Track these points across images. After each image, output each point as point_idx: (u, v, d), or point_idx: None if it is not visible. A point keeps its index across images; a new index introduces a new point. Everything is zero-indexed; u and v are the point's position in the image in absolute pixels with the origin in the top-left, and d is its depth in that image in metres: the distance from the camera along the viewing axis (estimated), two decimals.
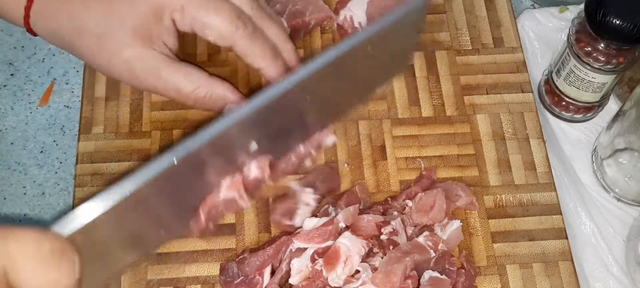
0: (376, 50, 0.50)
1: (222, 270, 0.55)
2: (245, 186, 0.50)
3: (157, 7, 0.52)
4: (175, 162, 0.41)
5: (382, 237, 0.54)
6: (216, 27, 0.52)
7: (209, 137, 0.42)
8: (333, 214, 0.56)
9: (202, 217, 0.49)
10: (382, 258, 0.53)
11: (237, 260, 0.55)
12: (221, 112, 0.55)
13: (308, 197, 0.57)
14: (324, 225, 0.54)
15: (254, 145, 0.49)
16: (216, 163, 0.47)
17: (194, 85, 0.53)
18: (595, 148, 0.69)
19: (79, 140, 0.62)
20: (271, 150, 0.50)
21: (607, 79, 0.64)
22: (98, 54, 0.53)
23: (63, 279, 0.33)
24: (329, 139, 0.54)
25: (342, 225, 0.54)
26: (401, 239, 0.55)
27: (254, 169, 0.50)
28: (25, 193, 0.70)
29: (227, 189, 0.49)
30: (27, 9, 0.53)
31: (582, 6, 0.62)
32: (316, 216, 0.56)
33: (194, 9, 0.52)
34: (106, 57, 0.53)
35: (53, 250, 0.32)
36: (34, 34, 0.55)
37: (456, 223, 0.57)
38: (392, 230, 0.54)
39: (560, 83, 0.67)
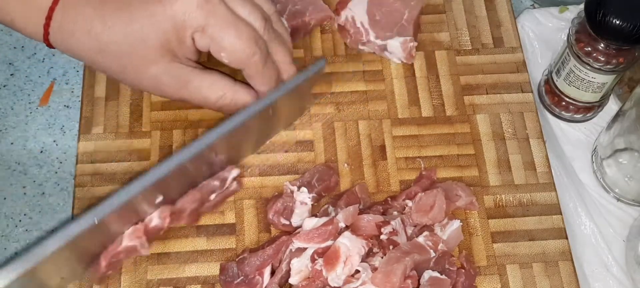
0: (279, 109, 0.57)
1: (222, 270, 0.55)
2: (146, 234, 0.53)
3: (179, 27, 0.51)
4: (96, 222, 0.47)
5: (382, 237, 0.54)
6: (234, 51, 0.53)
7: (120, 200, 0.48)
8: (333, 214, 0.56)
9: (103, 264, 0.52)
10: (382, 258, 0.53)
11: (237, 260, 0.55)
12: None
13: (304, 196, 0.57)
14: (323, 225, 0.54)
15: (159, 198, 0.53)
16: (121, 217, 0.51)
17: (220, 93, 0.55)
18: (595, 148, 0.69)
19: (79, 140, 0.62)
20: (175, 196, 0.55)
21: (607, 79, 0.64)
22: (123, 71, 0.53)
23: None
24: (232, 172, 0.57)
25: (342, 225, 0.54)
26: (401, 239, 0.55)
27: (156, 218, 0.53)
28: (25, 193, 0.70)
29: (129, 238, 0.53)
30: (46, 27, 0.52)
31: (582, 6, 0.62)
32: (316, 216, 0.56)
33: (216, 31, 0.52)
34: (131, 75, 0.53)
35: None
36: (53, 47, 0.54)
37: (456, 223, 0.57)
38: (392, 230, 0.54)
39: (560, 83, 0.67)
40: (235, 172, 0.57)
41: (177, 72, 0.53)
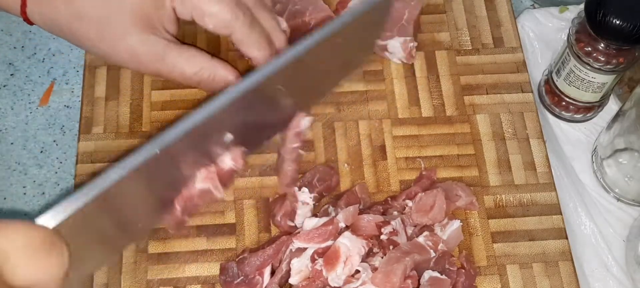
0: (345, 40, 0.51)
1: (222, 270, 0.55)
2: (219, 177, 0.50)
3: None
4: (158, 152, 0.42)
5: (382, 237, 0.54)
6: (216, 15, 0.52)
7: (186, 128, 0.43)
8: (333, 214, 0.56)
9: (178, 209, 0.50)
10: (382, 258, 0.53)
11: (237, 260, 0.55)
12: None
13: (305, 196, 0.57)
14: (324, 225, 0.54)
15: (228, 137, 0.49)
16: (192, 156, 0.48)
17: (197, 67, 0.54)
18: (595, 148, 0.69)
19: (79, 140, 0.62)
20: (246, 140, 0.51)
21: (607, 79, 0.64)
22: (99, 42, 0.52)
23: (53, 269, 0.33)
24: (304, 121, 0.54)
25: (342, 225, 0.54)
26: (401, 239, 0.55)
27: (228, 161, 0.50)
28: (25, 193, 0.70)
29: (202, 181, 0.50)
30: None
31: (582, 6, 0.62)
32: (316, 216, 0.56)
33: None
34: (108, 44, 0.52)
35: (42, 242, 0.33)
36: (31, 23, 0.54)
37: (456, 223, 0.57)
38: (392, 230, 0.54)
39: (560, 83, 0.67)
40: (307, 121, 0.55)
41: (154, 44, 0.52)
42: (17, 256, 0.32)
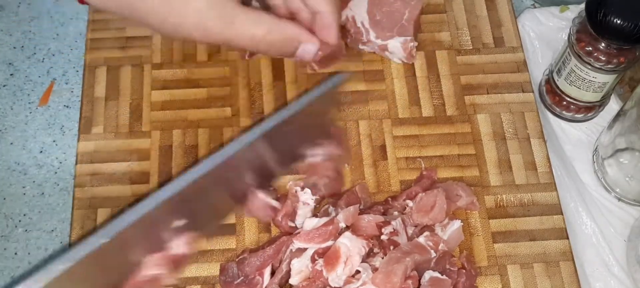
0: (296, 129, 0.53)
1: (222, 270, 0.55)
2: (171, 262, 0.51)
3: None
4: (107, 242, 0.44)
5: (383, 237, 0.54)
6: None
7: (136, 216, 0.45)
8: (333, 214, 0.56)
9: None
10: (383, 258, 0.53)
11: (237, 260, 0.55)
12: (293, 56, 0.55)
13: (307, 197, 0.57)
14: (324, 225, 0.54)
15: (179, 223, 0.50)
16: (142, 243, 0.49)
17: (266, 29, 0.51)
18: (596, 148, 0.69)
19: (78, 140, 0.61)
20: (198, 224, 0.52)
21: (608, 79, 0.64)
22: (167, 14, 0.50)
23: None
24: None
25: (342, 225, 0.54)
26: (401, 239, 0.54)
27: (181, 245, 0.51)
28: (24, 194, 0.70)
29: (152, 267, 0.50)
30: None
31: (582, 6, 0.62)
32: (316, 216, 0.56)
33: None
34: (176, 13, 0.50)
35: None
36: (83, 2, 0.51)
37: (457, 224, 0.57)
38: (392, 230, 0.54)
39: (561, 83, 0.67)
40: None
41: (223, 6, 0.50)
42: None
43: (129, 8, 0.50)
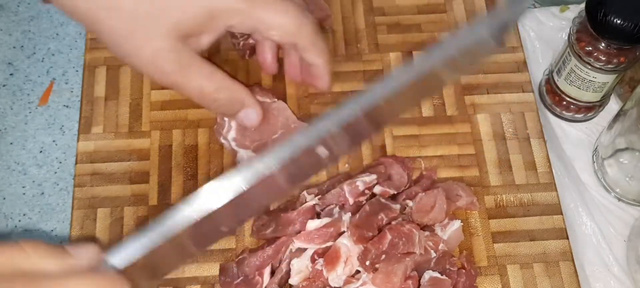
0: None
1: (222, 270, 0.55)
2: None
3: (212, 12, 0.49)
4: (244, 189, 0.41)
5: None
6: (283, 26, 0.51)
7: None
8: (336, 215, 0.56)
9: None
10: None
11: (236, 260, 0.55)
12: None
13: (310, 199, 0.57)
14: (325, 226, 0.54)
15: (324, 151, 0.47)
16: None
17: (216, 86, 0.52)
18: (596, 148, 0.69)
19: (78, 140, 0.61)
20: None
21: (608, 79, 0.64)
22: (128, 36, 0.49)
23: None
24: None
25: (344, 229, 0.54)
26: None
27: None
28: (24, 193, 0.70)
29: None
30: None
31: (582, 6, 0.62)
32: (318, 217, 0.56)
33: (263, 11, 0.50)
34: (135, 43, 0.49)
35: None
36: (48, 2, 0.52)
37: (457, 224, 0.57)
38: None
39: (561, 83, 0.67)
40: None
41: (180, 54, 0.50)
42: None
43: (93, 22, 0.50)
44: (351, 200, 0.56)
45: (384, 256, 0.53)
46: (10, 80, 0.76)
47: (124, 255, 0.38)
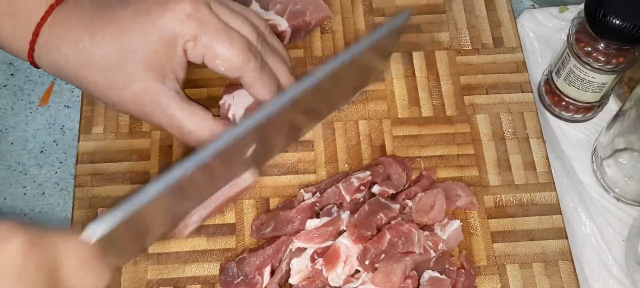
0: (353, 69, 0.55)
1: (222, 270, 0.55)
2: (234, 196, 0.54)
3: (170, 38, 0.51)
4: (190, 173, 0.45)
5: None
6: (228, 59, 0.52)
7: (217, 148, 0.46)
8: (335, 214, 0.56)
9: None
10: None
11: (236, 260, 0.55)
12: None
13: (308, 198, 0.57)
14: (324, 225, 0.54)
15: (251, 149, 0.51)
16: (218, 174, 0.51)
17: (197, 125, 0.53)
18: (595, 148, 0.69)
19: (79, 140, 0.62)
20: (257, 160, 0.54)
21: (607, 79, 0.64)
22: (107, 88, 0.52)
23: (96, 281, 0.39)
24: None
25: (343, 228, 0.54)
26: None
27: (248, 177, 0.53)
28: (25, 193, 0.70)
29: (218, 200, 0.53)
30: (32, 43, 0.51)
31: (582, 6, 0.62)
32: (318, 216, 0.56)
33: (209, 40, 0.51)
34: (116, 90, 0.52)
35: (90, 257, 0.39)
36: (38, 67, 0.54)
37: (456, 223, 0.57)
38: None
39: (560, 83, 0.67)
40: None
41: (160, 94, 0.52)
42: (69, 265, 0.38)
43: (76, 80, 0.52)
44: (348, 198, 0.56)
45: (383, 255, 0.53)
46: (10, 81, 0.76)
47: (97, 228, 0.41)
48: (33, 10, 0.51)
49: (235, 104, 0.60)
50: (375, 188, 0.57)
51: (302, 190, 0.58)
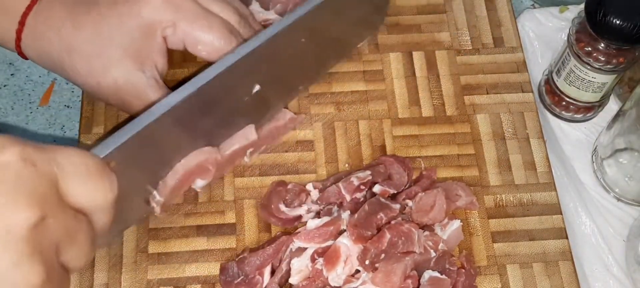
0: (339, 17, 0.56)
1: (222, 269, 0.55)
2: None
3: (148, 24, 0.51)
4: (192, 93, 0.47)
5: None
6: (209, 42, 0.52)
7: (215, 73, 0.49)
8: (336, 214, 0.56)
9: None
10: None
11: (237, 259, 0.55)
12: None
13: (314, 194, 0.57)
14: (324, 225, 0.54)
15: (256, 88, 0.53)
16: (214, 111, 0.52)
17: None
18: (596, 148, 0.69)
19: (79, 140, 0.62)
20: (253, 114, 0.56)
21: (607, 79, 0.64)
22: (87, 76, 0.52)
23: (104, 194, 0.37)
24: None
25: (343, 227, 0.54)
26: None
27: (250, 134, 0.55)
28: None
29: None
30: (19, 32, 0.52)
31: (582, 6, 0.62)
32: (319, 216, 0.56)
33: (187, 25, 0.52)
34: (95, 77, 0.52)
35: (96, 167, 0.37)
36: (25, 58, 0.54)
37: (456, 223, 0.57)
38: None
39: (561, 83, 0.67)
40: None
41: (138, 82, 0.52)
42: (73, 176, 0.35)
43: (59, 67, 0.53)
44: (348, 197, 0.56)
45: (383, 255, 0.53)
46: (11, 81, 0.76)
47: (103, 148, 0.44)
48: (19, 0, 0.52)
49: None
50: (376, 188, 0.57)
51: (310, 184, 0.58)
